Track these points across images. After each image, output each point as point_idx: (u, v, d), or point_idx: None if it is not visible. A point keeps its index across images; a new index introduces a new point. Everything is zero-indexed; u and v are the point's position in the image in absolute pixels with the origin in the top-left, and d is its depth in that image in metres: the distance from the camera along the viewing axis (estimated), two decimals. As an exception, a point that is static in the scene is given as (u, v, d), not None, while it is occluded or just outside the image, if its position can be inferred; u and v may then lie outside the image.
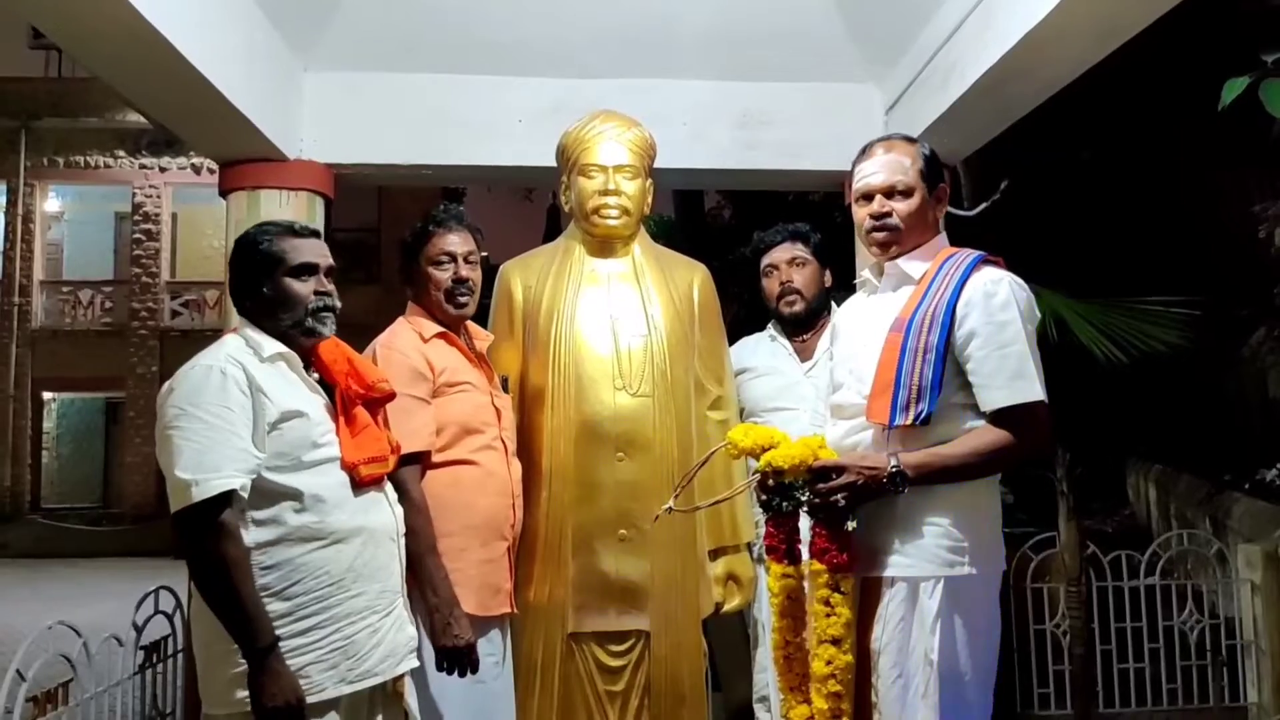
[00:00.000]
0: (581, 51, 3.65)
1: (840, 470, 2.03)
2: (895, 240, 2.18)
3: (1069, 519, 4.17)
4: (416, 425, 2.36)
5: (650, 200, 2.93)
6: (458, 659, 2.29)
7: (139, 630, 3.11)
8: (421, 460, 2.37)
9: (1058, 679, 4.12)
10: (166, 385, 1.93)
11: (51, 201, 16.60)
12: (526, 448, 2.74)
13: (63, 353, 15.44)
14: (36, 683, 2.59)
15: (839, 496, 2.01)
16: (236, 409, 1.89)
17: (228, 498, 1.84)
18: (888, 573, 2.07)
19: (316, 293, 2.05)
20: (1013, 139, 3.78)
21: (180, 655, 3.34)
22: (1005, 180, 4.07)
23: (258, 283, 2.05)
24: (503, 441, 2.56)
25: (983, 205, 4.03)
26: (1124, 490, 9.59)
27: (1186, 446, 7.23)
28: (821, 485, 2.03)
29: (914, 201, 2.17)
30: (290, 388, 2.00)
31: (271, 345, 2.01)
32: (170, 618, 3.28)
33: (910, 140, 2.26)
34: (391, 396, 2.20)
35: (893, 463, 2.00)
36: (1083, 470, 4.61)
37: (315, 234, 2.13)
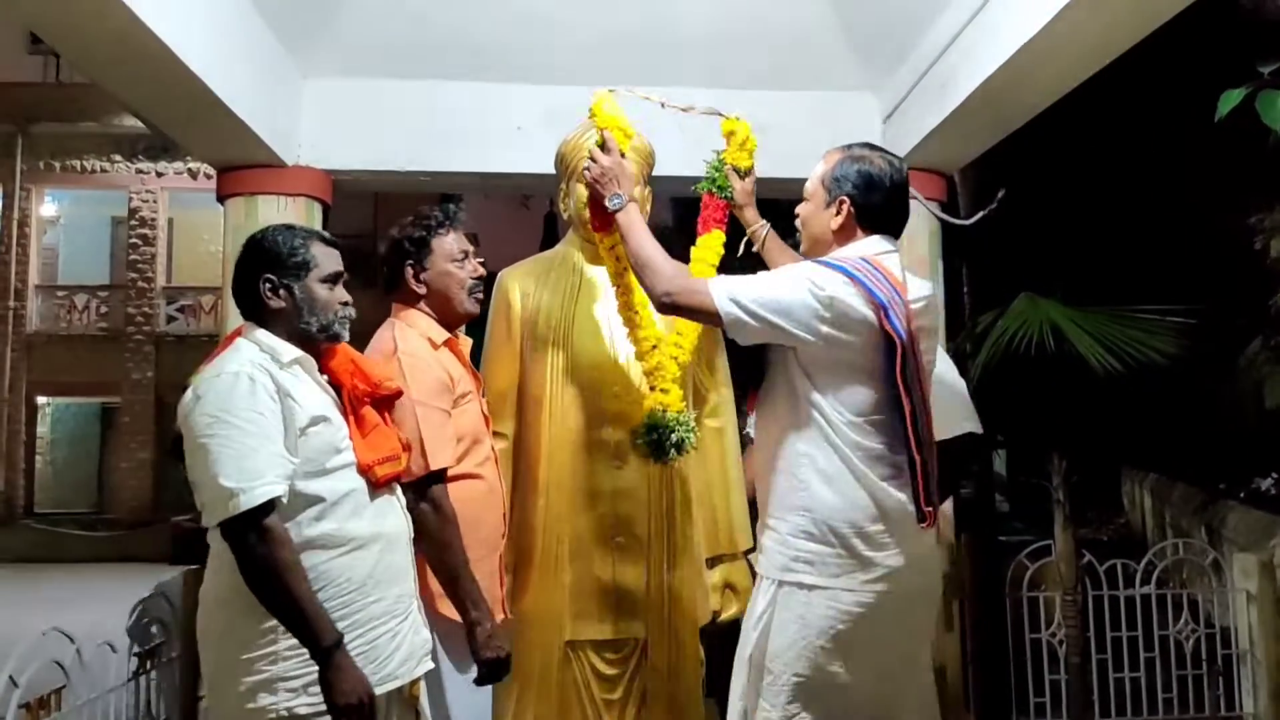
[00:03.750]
0: (580, 59, 3.65)
1: (604, 151, 2.44)
2: (802, 239, 2.29)
3: (1065, 528, 4.17)
4: (446, 438, 2.35)
5: (649, 208, 2.93)
6: (501, 669, 2.34)
7: (133, 637, 3.09)
8: (445, 474, 2.36)
9: (1053, 688, 4.12)
10: (191, 394, 1.92)
11: (47, 206, 16.58)
12: (523, 455, 2.73)
13: (58, 357, 15.40)
14: (30, 689, 2.58)
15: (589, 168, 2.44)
16: (269, 414, 1.89)
17: (271, 504, 1.85)
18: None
19: (342, 302, 2.10)
20: (1010, 149, 3.79)
21: (175, 662, 3.33)
22: (1002, 190, 4.08)
23: (285, 285, 2.05)
24: (493, 450, 2.56)
25: (979, 215, 4.04)
26: (1119, 499, 9.61)
27: (1182, 455, 7.24)
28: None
29: (808, 206, 2.25)
30: (312, 392, 2.01)
31: (289, 350, 2.02)
32: (165, 624, 3.27)
33: (845, 149, 2.24)
34: (397, 394, 2.19)
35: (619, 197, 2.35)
36: (1078, 479, 4.61)
37: (337, 244, 2.17)
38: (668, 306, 2.17)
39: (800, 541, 2.06)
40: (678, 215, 10.54)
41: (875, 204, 2.14)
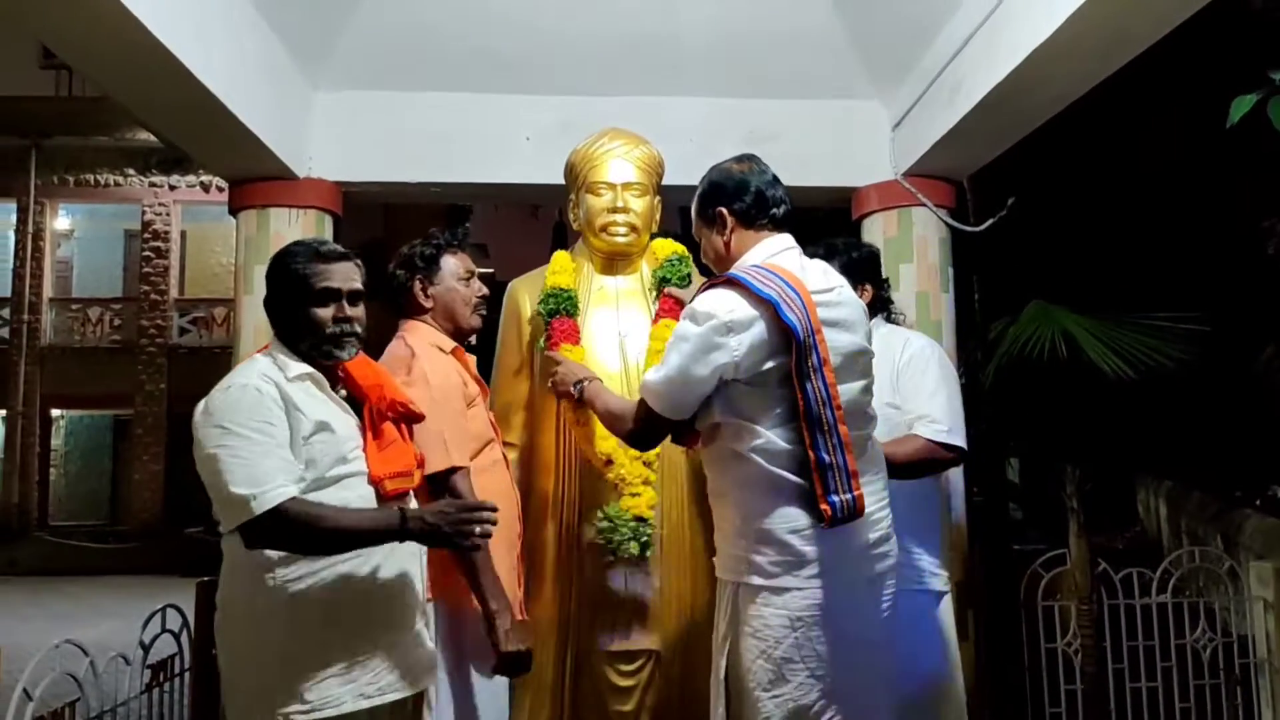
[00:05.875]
0: (589, 69, 3.66)
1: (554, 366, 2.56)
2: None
3: (1079, 536, 4.15)
4: (465, 436, 2.40)
5: (658, 217, 2.93)
6: (522, 662, 2.34)
7: (146, 649, 3.10)
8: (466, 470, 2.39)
9: (1069, 698, 4.08)
10: (201, 406, 1.94)
11: (61, 219, 16.70)
12: (536, 465, 2.74)
13: (71, 370, 15.49)
14: (43, 702, 2.58)
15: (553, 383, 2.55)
16: (276, 423, 1.91)
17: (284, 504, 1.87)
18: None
19: (335, 319, 2.04)
20: (1020, 155, 3.78)
21: (187, 674, 3.33)
22: (1012, 197, 4.07)
23: (286, 304, 2.06)
24: (504, 455, 2.58)
25: (989, 221, 4.02)
26: (1134, 507, 9.53)
27: (1197, 463, 7.19)
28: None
29: (703, 242, 2.27)
30: (318, 404, 2.02)
31: (297, 366, 2.02)
32: (177, 636, 3.27)
33: (704, 176, 2.27)
34: (419, 418, 2.20)
35: (580, 384, 2.43)
36: (1093, 487, 4.57)
37: (345, 256, 2.11)
38: (637, 440, 2.25)
39: (753, 543, 2.02)
40: (684, 223, 10.55)
41: (749, 203, 2.19)
